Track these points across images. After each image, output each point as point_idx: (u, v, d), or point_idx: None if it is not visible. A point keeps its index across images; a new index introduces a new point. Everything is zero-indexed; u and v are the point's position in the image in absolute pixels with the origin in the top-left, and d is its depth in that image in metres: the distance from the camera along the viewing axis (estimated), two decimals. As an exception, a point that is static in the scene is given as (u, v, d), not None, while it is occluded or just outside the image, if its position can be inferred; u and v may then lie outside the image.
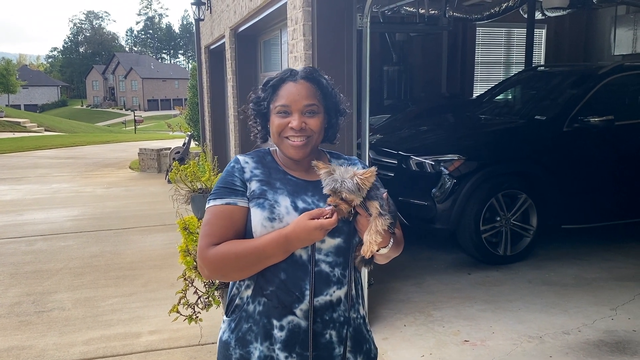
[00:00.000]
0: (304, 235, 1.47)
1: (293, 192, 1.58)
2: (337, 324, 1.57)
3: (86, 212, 8.00)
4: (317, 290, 1.53)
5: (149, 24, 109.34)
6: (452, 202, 4.80)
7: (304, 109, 1.56)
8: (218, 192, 1.58)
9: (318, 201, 1.57)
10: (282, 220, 1.52)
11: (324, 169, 1.53)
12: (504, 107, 6.51)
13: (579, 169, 5.10)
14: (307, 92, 1.57)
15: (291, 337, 1.53)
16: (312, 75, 1.60)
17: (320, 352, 1.55)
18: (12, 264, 5.63)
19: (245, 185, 1.58)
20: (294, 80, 1.58)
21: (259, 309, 1.56)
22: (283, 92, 1.58)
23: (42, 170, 12.74)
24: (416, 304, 4.23)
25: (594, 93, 5.24)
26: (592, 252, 5.30)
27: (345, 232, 1.56)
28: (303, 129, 1.55)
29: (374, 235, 1.50)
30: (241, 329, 1.58)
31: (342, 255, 1.57)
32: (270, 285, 1.54)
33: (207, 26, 10.50)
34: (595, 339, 3.61)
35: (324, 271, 1.54)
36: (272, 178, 1.60)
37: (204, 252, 1.53)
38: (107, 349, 3.76)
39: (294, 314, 1.53)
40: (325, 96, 1.61)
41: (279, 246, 1.49)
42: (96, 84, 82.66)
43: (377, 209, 1.51)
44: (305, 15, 3.42)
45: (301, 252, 1.53)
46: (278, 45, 6.58)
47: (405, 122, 6.86)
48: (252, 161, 1.63)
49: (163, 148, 12.61)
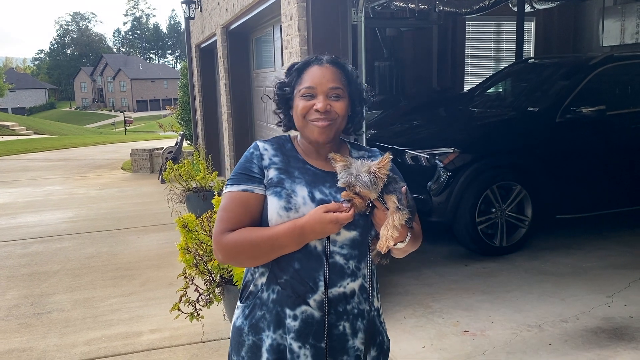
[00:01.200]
0: (318, 228, 1.47)
1: (311, 182, 1.57)
2: (351, 316, 1.57)
3: (80, 214, 7.97)
4: (330, 281, 1.53)
5: (137, 25, 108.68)
6: (448, 195, 4.84)
7: (329, 91, 1.55)
8: (235, 177, 1.58)
9: (336, 193, 1.55)
10: (299, 210, 1.52)
11: (341, 162, 1.51)
12: (496, 100, 6.55)
13: (572, 159, 5.14)
14: (332, 76, 1.56)
15: (305, 328, 1.54)
16: (337, 60, 1.61)
17: (334, 344, 1.55)
18: (8, 267, 5.60)
19: (263, 172, 1.57)
20: (319, 64, 1.58)
21: (273, 297, 1.56)
22: (308, 75, 1.57)
23: (33, 173, 12.65)
24: (415, 296, 4.26)
25: (586, 84, 5.28)
26: (587, 241, 5.36)
27: (362, 226, 1.55)
28: (328, 112, 1.54)
29: (391, 230, 1.48)
30: (255, 315, 1.59)
31: (357, 248, 1.56)
32: (285, 274, 1.55)
33: (197, 25, 10.47)
34: (593, 326, 3.66)
35: (338, 263, 1.54)
36: (290, 166, 1.59)
37: (219, 237, 1.54)
38: (108, 348, 3.76)
39: (307, 304, 1.53)
40: (350, 82, 1.61)
41: (293, 236, 1.49)
42: (84, 85, 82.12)
43: (395, 203, 1.49)
44: (300, 11, 3.43)
45: (316, 243, 1.53)
46: (271, 42, 6.58)
47: (398, 117, 6.88)
48: (271, 148, 1.62)
49: (155, 148, 12.56)
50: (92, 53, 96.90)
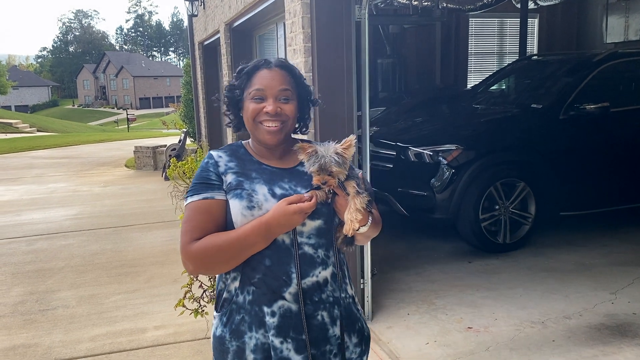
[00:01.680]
0: (283, 220, 1.50)
1: (269, 180, 1.60)
2: (327, 304, 1.59)
3: (84, 211, 8.00)
4: (302, 272, 1.56)
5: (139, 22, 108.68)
6: (451, 192, 4.84)
7: (278, 94, 1.60)
8: (195, 188, 1.60)
9: (295, 187, 1.60)
10: (262, 207, 1.54)
11: (308, 149, 1.55)
12: (499, 97, 6.54)
13: (576, 156, 5.14)
14: (281, 78, 1.61)
15: (284, 322, 1.55)
16: (285, 64, 1.66)
17: (315, 334, 1.57)
18: (13, 263, 5.63)
19: (220, 178, 1.60)
20: (268, 67, 1.62)
21: (249, 298, 1.57)
22: (257, 78, 1.61)
23: (37, 171, 12.69)
24: (418, 293, 4.27)
25: (589, 80, 5.27)
26: (591, 238, 5.36)
27: (325, 214, 1.59)
28: (278, 114, 1.59)
29: (354, 213, 1.53)
30: (234, 321, 1.59)
31: (324, 236, 1.60)
32: (257, 273, 1.56)
33: (200, 22, 10.47)
34: (597, 323, 3.66)
35: (307, 253, 1.57)
36: (247, 169, 1.62)
37: (187, 248, 1.54)
38: (113, 344, 3.78)
39: (283, 298, 1.55)
40: (298, 84, 1.66)
41: (260, 233, 1.51)
42: (87, 83, 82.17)
43: (355, 188, 1.55)
44: (303, 8, 3.44)
45: (283, 237, 1.55)
46: (274, 40, 6.58)
47: (401, 114, 6.87)
48: (225, 155, 1.65)
49: (159, 146, 12.59)
50: (95, 50, 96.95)
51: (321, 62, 3.45)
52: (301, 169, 1.63)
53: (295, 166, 1.65)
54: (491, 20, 10.00)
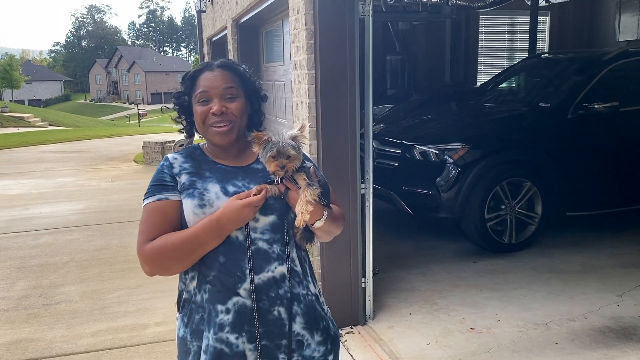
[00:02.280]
0: (234, 216, 1.51)
1: (223, 178, 1.61)
2: (285, 300, 1.57)
3: (91, 206, 8.03)
4: (257, 267, 1.55)
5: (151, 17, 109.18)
6: (457, 191, 4.79)
7: (223, 92, 1.61)
8: (150, 190, 1.62)
9: (249, 184, 1.61)
10: (213, 205, 1.55)
11: (264, 137, 1.54)
12: (507, 95, 6.47)
13: (584, 156, 5.07)
14: (224, 78, 1.62)
15: (239, 318, 1.54)
16: (227, 63, 1.68)
17: (270, 328, 1.56)
18: (19, 257, 5.67)
19: (175, 179, 1.61)
20: (210, 69, 1.64)
21: (206, 296, 1.57)
22: (201, 81, 1.63)
23: (46, 165, 12.78)
24: (421, 292, 4.24)
25: (599, 79, 5.20)
26: (598, 239, 5.29)
27: (278, 209, 1.58)
28: (224, 113, 1.60)
29: (305, 205, 1.53)
30: (194, 321, 1.59)
31: (279, 232, 1.59)
32: (212, 270, 1.56)
33: (209, 18, 10.47)
34: (601, 326, 3.61)
35: (262, 249, 1.56)
36: (201, 169, 1.64)
37: (142, 248, 1.55)
38: (114, 340, 3.78)
39: (238, 294, 1.54)
40: (243, 81, 1.67)
41: (211, 230, 1.52)
42: (99, 78, 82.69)
43: (305, 180, 1.55)
44: (306, 4, 3.40)
45: (237, 234, 1.56)
46: (280, 36, 6.56)
47: (408, 112, 6.83)
48: (180, 157, 1.67)
49: (167, 141, 12.63)
50: (107, 45, 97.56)
51: (324, 59, 3.42)
52: (256, 167, 1.66)
53: (250, 164, 1.67)
54: (501, 17, 9.91)
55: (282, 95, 6.54)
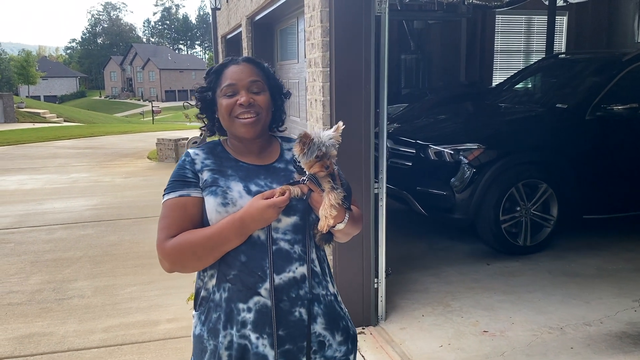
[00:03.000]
0: (257, 216, 1.49)
1: (245, 177, 1.60)
2: (306, 301, 1.56)
3: (105, 202, 8.08)
4: (278, 267, 1.54)
5: (166, 15, 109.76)
6: (471, 192, 4.74)
7: (249, 85, 1.60)
8: (171, 185, 1.60)
9: (271, 183, 1.59)
10: (236, 204, 1.54)
11: (310, 137, 1.51)
12: (524, 96, 6.40)
13: (601, 158, 5.00)
14: (250, 71, 1.62)
15: (260, 318, 1.53)
16: (252, 58, 1.68)
17: (291, 330, 1.54)
18: (33, 252, 5.70)
19: (197, 176, 1.59)
20: (236, 63, 1.64)
21: (225, 295, 1.56)
22: (227, 74, 1.62)
23: (61, 160, 12.88)
24: (434, 294, 4.19)
25: (618, 81, 5.11)
26: (614, 243, 5.21)
27: (301, 210, 1.57)
28: (252, 105, 1.59)
29: (329, 209, 1.51)
30: (211, 319, 1.58)
31: (301, 232, 1.58)
32: (232, 269, 1.55)
33: (223, 15, 10.47)
34: (618, 331, 3.55)
35: (283, 249, 1.55)
36: (223, 166, 1.62)
37: (162, 245, 1.54)
38: (125, 336, 3.79)
39: (259, 294, 1.53)
40: (268, 77, 1.66)
41: (234, 229, 1.50)
42: (114, 75, 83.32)
43: (330, 183, 1.53)
44: (322, 2, 3.37)
45: (259, 233, 1.54)
46: (295, 34, 6.54)
47: (423, 111, 6.79)
48: (202, 153, 1.65)
49: (181, 138, 12.67)
50: (122, 43, 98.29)
51: (339, 57, 3.39)
52: (278, 166, 1.65)
53: (272, 163, 1.66)
54: (518, 17, 9.81)
55: (296, 93, 6.52)
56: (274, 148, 1.69)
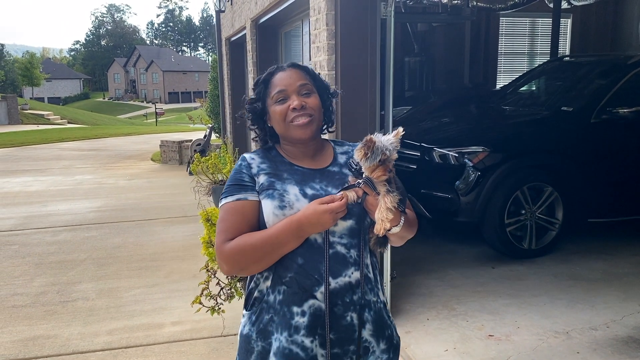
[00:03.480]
0: (314, 220, 1.51)
1: (301, 180, 1.62)
2: (358, 306, 1.57)
3: (109, 204, 8.08)
4: (334, 271, 1.55)
5: (170, 17, 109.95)
6: (476, 195, 4.73)
7: (299, 89, 1.62)
8: (228, 189, 1.63)
9: (326, 187, 1.61)
10: (293, 207, 1.56)
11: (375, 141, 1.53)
12: (529, 98, 6.38)
13: (607, 161, 4.98)
14: (297, 75, 1.64)
15: (314, 321, 1.54)
16: (297, 64, 1.70)
17: (342, 335, 1.56)
18: (37, 254, 5.71)
19: (253, 180, 1.62)
20: (282, 70, 1.66)
21: (279, 298, 1.57)
22: (275, 81, 1.65)
23: (65, 162, 12.91)
24: (439, 297, 4.18)
25: (623, 84, 5.10)
26: (620, 246, 5.18)
27: (357, 214, 1.58)
28: (304, 107, 1.61)
29: (385, 212, 1.51)
30: (262, 320, 1.60)
31: (356, 236, 1.59)
32: (289, 271, 1.56)
33: (227, 18, 10.48)
34: (624, 335, 3.53)
35: (340, 253, 1.57)
36: (279, 170, 1.64)
37: (221, 248, 1.57)
38: (130, 339, 3.78)
39: (314, 297, 1.54)
40: (314, 78, 1.69)
41: (291, 232, 1.52)
42: (118, 76, 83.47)
43: (385, 186, 1.54)
44: (328, 4, 3.37)
45: (316, 236, 1.56)
46: (299, 37, 6.54)
47: (427, 114, 6.77)
48: (258, 157, 1.68)
49: (184, 140, 12.68)
50: (126, 45, 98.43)
51: (345, 60, 3.39)
52: (332, 169, 1.66)
53: (327, 167, 1.67)
54: (522, 19, 9.79)
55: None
56: (328, 152, 1.71)
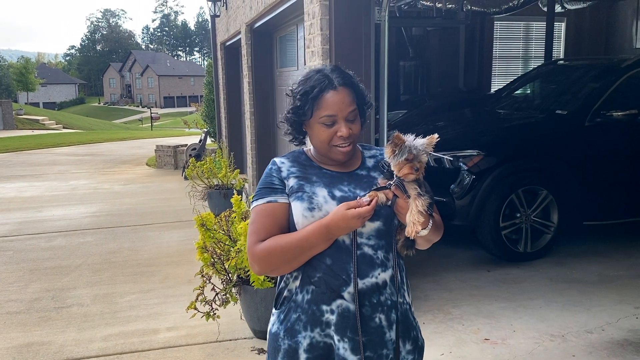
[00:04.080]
0: (342, 224, 1.53)
1: (329, 183, 1.65)
2: (385, 307, 1.60)
3: (104, 209, 8.06)
4: (362, 272, 1.58)
5: (165, 22, 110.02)
6: (471, 199, 4.74)
7: (348, 116, 1.62)
8: (259, 192, 1.67)
9: (354, 189, 1.63)
10: (322, 209, 1.59)
11: (403, 140, 1.55)
12: (523, 102, 6.41)
13: (601, 164, 5.00)
14: (349, 100, 1.62)
15: (342, 321, 1.57)
16: (348, 80, 1.64)
17: (372, 337, 1.59)
18: (31, 260, 5.68)
19: (283, 183, 1.66)
20: (334, 89, 1.60)
21: (307, 297, 1.61)
22: (326, 102, 1.60)
23: (60, 167, 12.87)
24: (435, 301, 4.18)
25: (617, 87, 5.12)
26: (616, 249, 5.20)
27: (384, 215, 1.60)
28: (351, 136, 1.62)
29: (416, 215, 1.53)
30: (290, 319, 1.64)
31: (384, 238, 1.62)
32: (318, 272, 1.60)
33: (222, 22, 10.50)
34: (620, 338, 3.54)
35: (367, 254, 1.59)
36: (308, 173, 1.68)
37: (252, 249, 1.62)
38: (125, 345, 3.76)
39: (342, 297, 1.58)
40: (357, 94, 1.66)
41: (320, 235, 1.55)
42: (113, 81, 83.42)
43: (416, 189, 1.55)
44: (322, 10, 3.38)
45: (344, 237, 1.59)
46: (294, 41, 6.55)
47: (422, 118, 6.79)
48: (287, 161, 1.71)
49: (179, 145, 12.66)
50: (121, 49, 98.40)
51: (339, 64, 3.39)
52: (360, 173, 1.69)
53: (355, 170, 1.70)
54: (517, 23, 9.83)
55: (296, 100, 6.51)
56: (356, 156, 1.72)
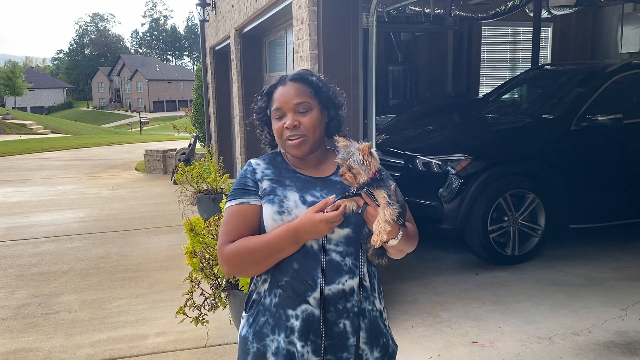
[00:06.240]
0: (310, 228, 1.53)
1: (302, 187, 1.65)
2: (351, 314, 1.60)
3: (92, 214, 8.01)
4: (328, 278, 1.58)
5: (154, 26, 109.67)
6: (459, 202, 4.77)
7: (295, 107, 1.65)
8: (233, 193, 1.68)
9: (326, 195, 1.63)
10: (291, 213, 1.59)
11: (342, 142, 1.58)
12: (510, 106, 6.46)
13: (588, 168, 5.05)
14: (296, 92, 1.65)
15: (306, 326, 1.57)
16: (299, 75, 1.70)
17: (334, 341, 1.59)
18: (18, 265, 5.64)
19: (257, 185, 1.67)
20: (283, 84, 1.68)
21: (275, 300, 1.61)
22: (276, 96, 1.68)
23: (48, 172, 12.77)
24: (423, 305, 4.20)
25: (602, 91, 5.19)
26: (602, 252, 5.25)
27: (354, 223, 1.60)
28: (296, 127, 1.64)
29: (383, 225, 1.52)
30: (258, 322, 1.64)
31: (353, 245, 1.61)
32: (285, 276, 1.60)
33: (212, 27, 10.50)
34: (606, 340, 3.57)
35: (334, 260, 1.59)
36: (282, 176, 1.68)
37: (222, 249, 1.62)
38: (113, 351, 3.74)
39: (307, 302, 1.57)
40: (317, 92, 1.68)
41: (288, 239, 1.56)
42: (102, 85, 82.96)
43: (385, 199, 1.54)
44: (310, 15, 3.40)
45: (312, 243, 1.59)
46: (283, 46, 6.56)
47: (411, 122, 6.82)
48: (263, 163, 1.73)
49: (169, 149, 12.62)
50: (110, 54, 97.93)
51: (327, 69, 3.41)
52: (334, 179, 1.68)
53: (329, 176, 1.70)
54: (504, 28, 9.93)
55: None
56: (331, 161, 1.72)
